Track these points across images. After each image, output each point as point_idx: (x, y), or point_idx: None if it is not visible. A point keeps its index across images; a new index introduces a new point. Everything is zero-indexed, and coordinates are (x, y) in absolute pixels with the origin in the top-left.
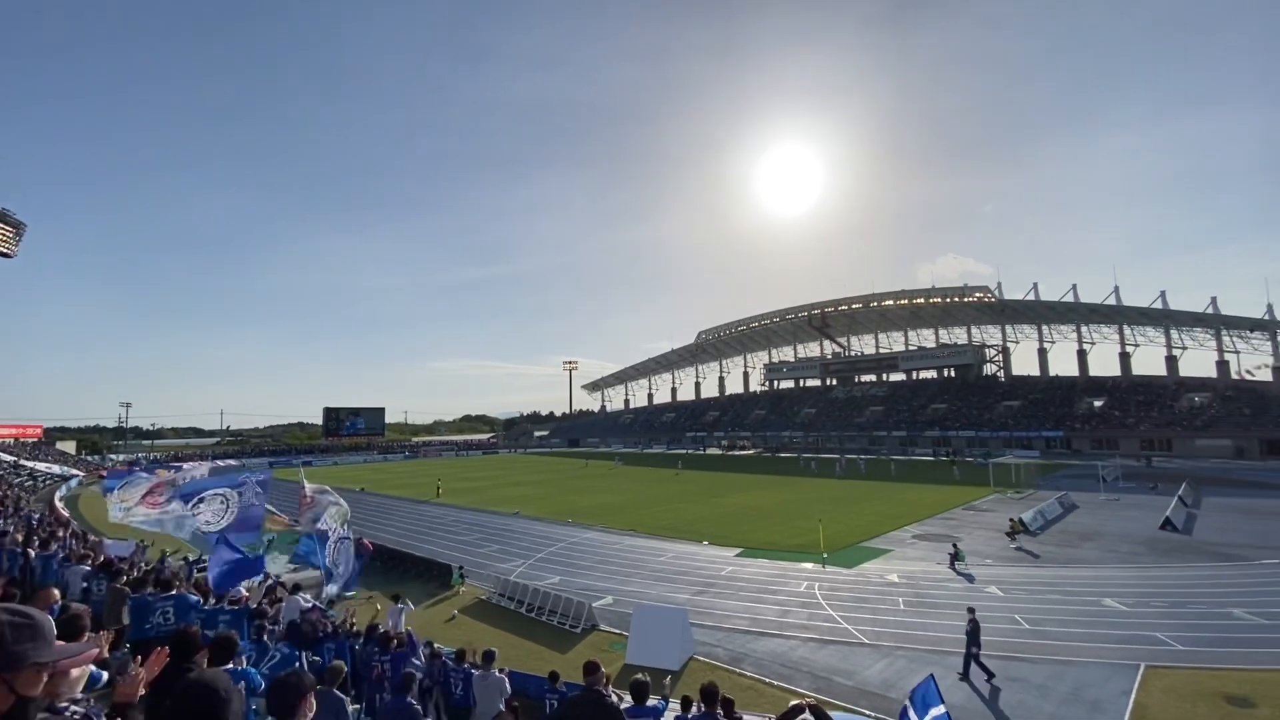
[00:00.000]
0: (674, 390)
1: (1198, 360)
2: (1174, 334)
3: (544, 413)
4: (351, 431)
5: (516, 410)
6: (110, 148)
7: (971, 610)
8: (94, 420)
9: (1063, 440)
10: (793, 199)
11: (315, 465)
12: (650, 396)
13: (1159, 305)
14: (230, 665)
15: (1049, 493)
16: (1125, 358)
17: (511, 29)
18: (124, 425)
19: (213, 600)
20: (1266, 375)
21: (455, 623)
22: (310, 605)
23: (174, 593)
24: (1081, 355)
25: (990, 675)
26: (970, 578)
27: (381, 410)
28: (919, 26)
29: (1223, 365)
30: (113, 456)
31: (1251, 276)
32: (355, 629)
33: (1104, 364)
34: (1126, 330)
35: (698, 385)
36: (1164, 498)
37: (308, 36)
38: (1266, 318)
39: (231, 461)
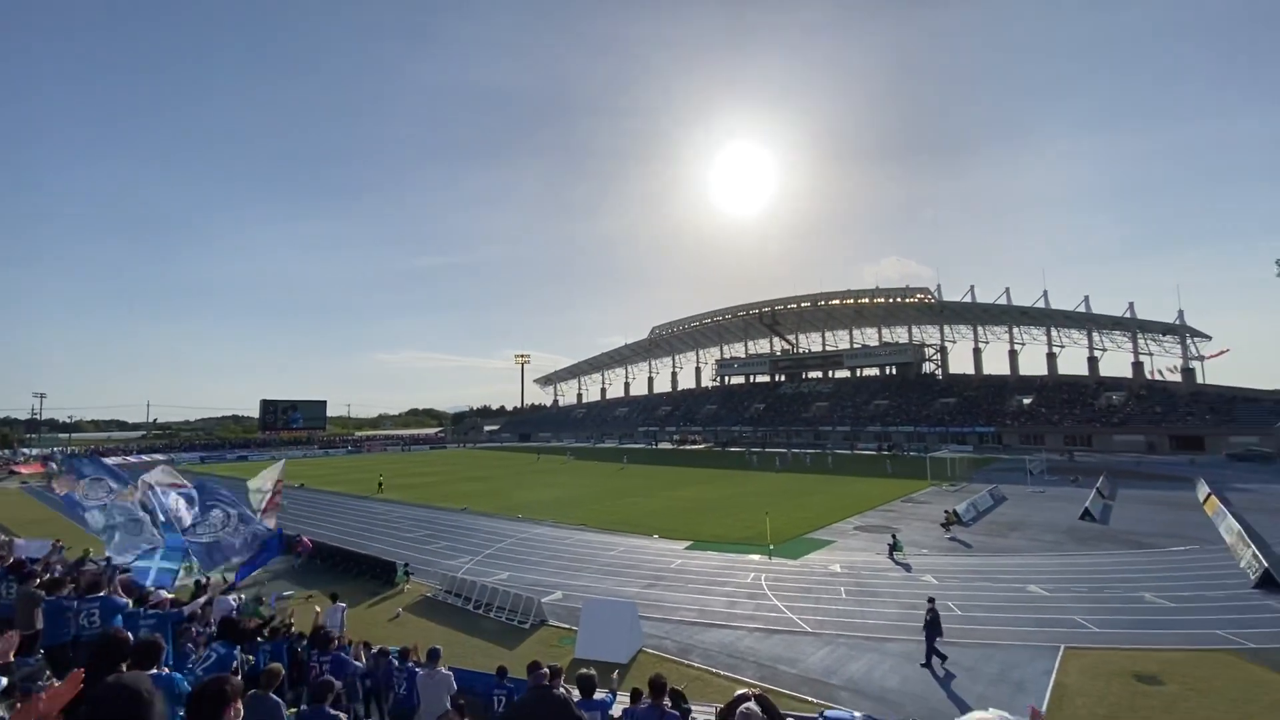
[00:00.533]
0: (627, 385)
1: (1116, 361)
2: (1095, 336)
3: (494, 407)
4: (290, 425)
5: (466, 404)
6: (19, 120)
7: (931, 600)
8: (5, 412)
9: (994, 436)
10: (745, 198)
11: (251, 460)
12: (604, 391)
13: (1083, 309)
14: (154, 671)
15: (981, 485)
16: (1052, 358)
17: (464, 15)
18: (38, 417)
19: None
20: (1176, 376)
21: (399, 621)
22: (240, 602)
23: (100, 595)
24: (1013, 355)
25: (944, 658)
26: (908, 567)
27: (323, 403)
28: (866, 33)
29: (1138, 366)
30: (25, 450)
31: (1165, 284)
32: (293, 629)
33: (1033, 364)
34: (1053, 332)
35: (651, 380)
36: (1084, 490)
37: (247, 10)
38: (1177, 323)
39: (159, 457)
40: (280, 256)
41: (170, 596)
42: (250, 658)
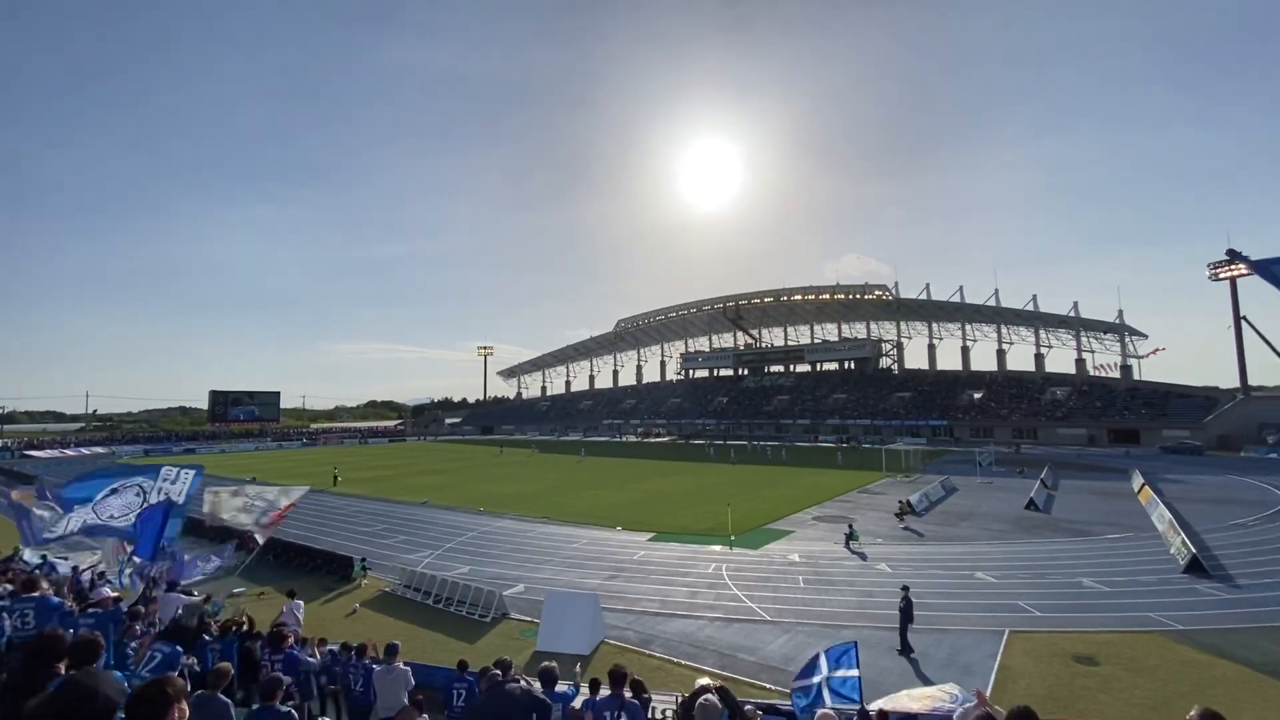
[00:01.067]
0: (592, 378)
1: (1061, 358)
2: (1042, 334)
3: (456, 399)
4: (242, 417)
5: (427, 396)
6: None
7: (906, 589)
8: None
9: (947, 429)
10: (711, 193)
11: (201, 453)
12: (568, 384)
13: (1030, 308)
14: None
15: (933, 477)
16: (1001, 354)
17: None
18: None
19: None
20: (1115, 373)
21: (356, 617)
22: (190, 599)
23: (35, 594)
24: (965, 351)
25: (910, 650)
26: (863, 556)
27: (276, 394)
28: (831, 34)
29: (1080, 363)
30: None
31: (1106, 284)
32: (246, 628)
33: (984, 360)
34: (1003, 330)
35: (616, 373)
36: (1029, 481)
37: None
38: (1117, 322)
39: (99, 449)
40: (232, 241)
41: (114, 595)
42: (193, 658)
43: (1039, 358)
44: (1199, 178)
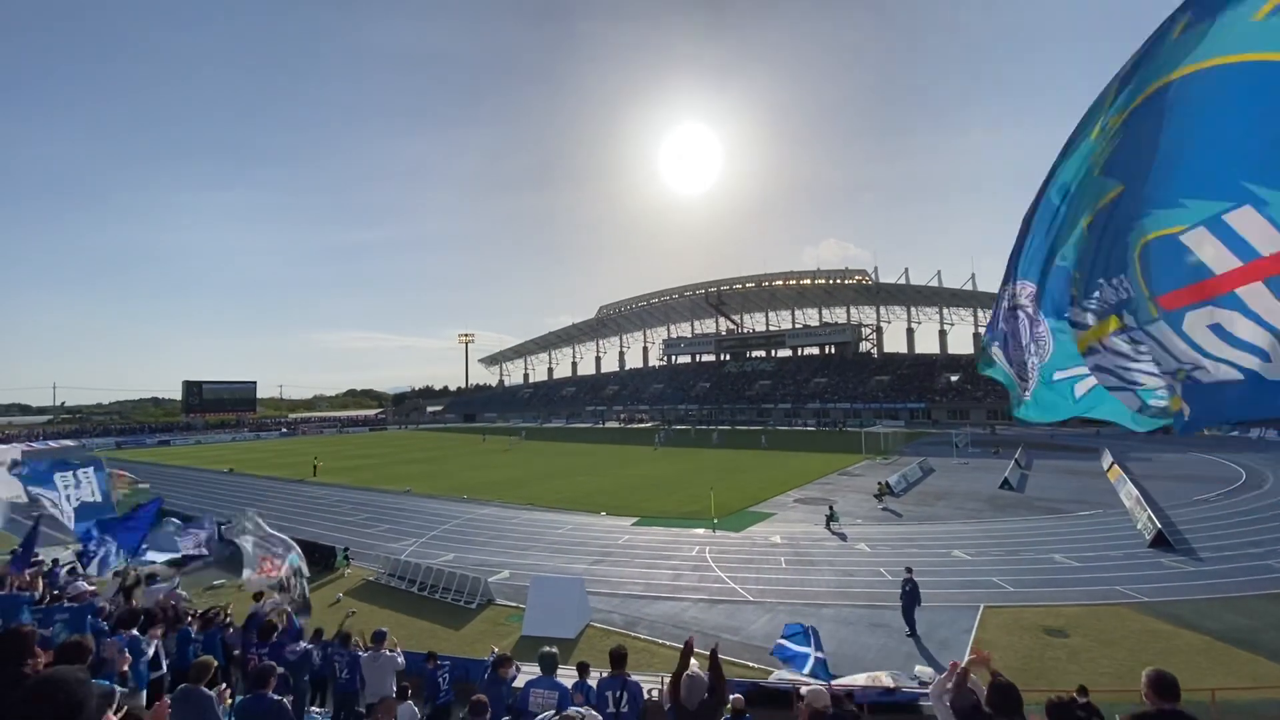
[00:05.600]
0: (574, 364)
1: None
2: None
3: (438, 387)
4: (217, 408)
5: (408, 384)
6: None
7: (909, 570)
8: None
9: (924, 411)
10: (691, 179)
11: (175, 445)
12: (550, 371)
13: None
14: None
15: (911, 458)
16: (978, 338)
17: None
18: None
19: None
20: None
21: (340, 606)
22: (166, 590)
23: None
24: (943, 335)
25: (913, 631)
26: (843, 536)
27: (252, 384)
28: (808, 17)
29: None
30: None
31: None
32: (229, 620)
33: (961, 343)
34: (980, 313)
35: (598, 360)
36: (1003, 460)
37: None
38: None
39: (68, 442)
40: (203, 227)
41: (90, 589)
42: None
43: None
44: None
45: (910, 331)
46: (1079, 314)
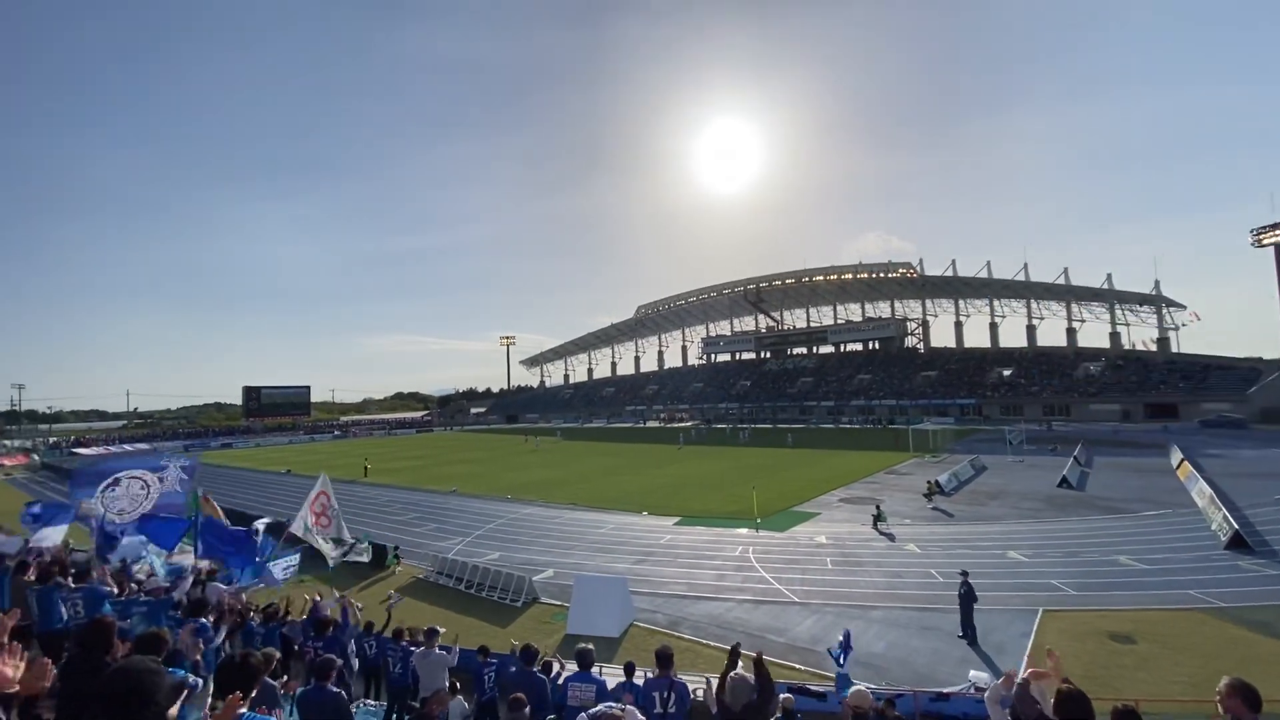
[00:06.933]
0: (614, 365)
1: (1094, 332)
2: (1074, 308)
3: (481, 389)
4: (274, 412)
5: (452, 387)
6: None
7: (965, 573)
8: None
9: (975, 407)
10: (729, 175)
11: (236, 448)
12: (590, 371)
13: (1062, 281)
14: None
15: (962, 456)
16: (1031, 330)
17: None
18: (17, 409)
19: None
20: (1152, 346)
21: (390, 601)
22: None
23: (85, 584)
24: (993, 328)
25: (968, 633)
26: (891, 536)
27: (306, 389)
28: (847, 4)
29: (1115, 337)
30: (5, 443)
31: (1141, 255)
32: (289, 615)
33: (1013, 336)
34: (1033, 304)
35: (637, 359)
36: (1061, 458)
37: None
38: (1154, 293)
39: (142, 445)
40: (259, 240)
41: (165, 585)
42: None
43: (1071, 332)
44: (1238, 139)
45: (959, 325)
46: None
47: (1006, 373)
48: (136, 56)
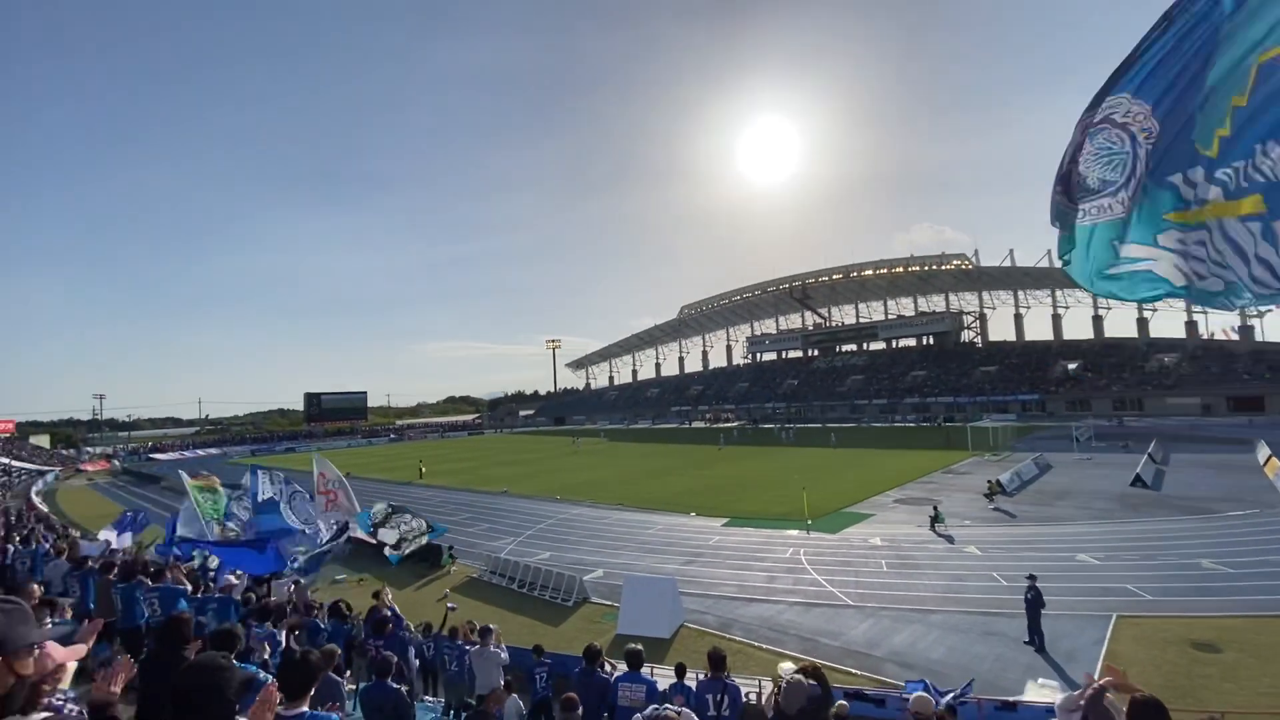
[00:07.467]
0: (658, 366)
1: (1168, 321)
2: None
3: (528, 392)
4: (334, 416)
5: (500, 390)
6: (69, 129)
7: (1032, 578)
8: (67, 413)
9: (1038, 403)
10: (770, 169)
11: (299, 451)
12: (634, 372)
13: None
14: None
15: (1025, 454)
16: (1098, 321)
17: None
18: (99, 418)
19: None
20: (1234, 335)
21: (446, 601)
22: (299, 585)
23: (161, 584)
24: (1056, 319)
25: (1038, 639)
26: (950, 538)
27: (363, 394)
28: None
29: (1191, 326)
30: (89, 449)
31: None
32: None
33: (1078, 328)
34: None
35: (681, 360)
36: (1135, 455)
37: (263, 14)
38: None
39: (213, 450)
40: (317, 252)
41: (235, 583)
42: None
43: (1142, 322)
44: None
45: (1018, 317)
46: (1195, 180)
47: (1072, 366)
48: (191, 80)
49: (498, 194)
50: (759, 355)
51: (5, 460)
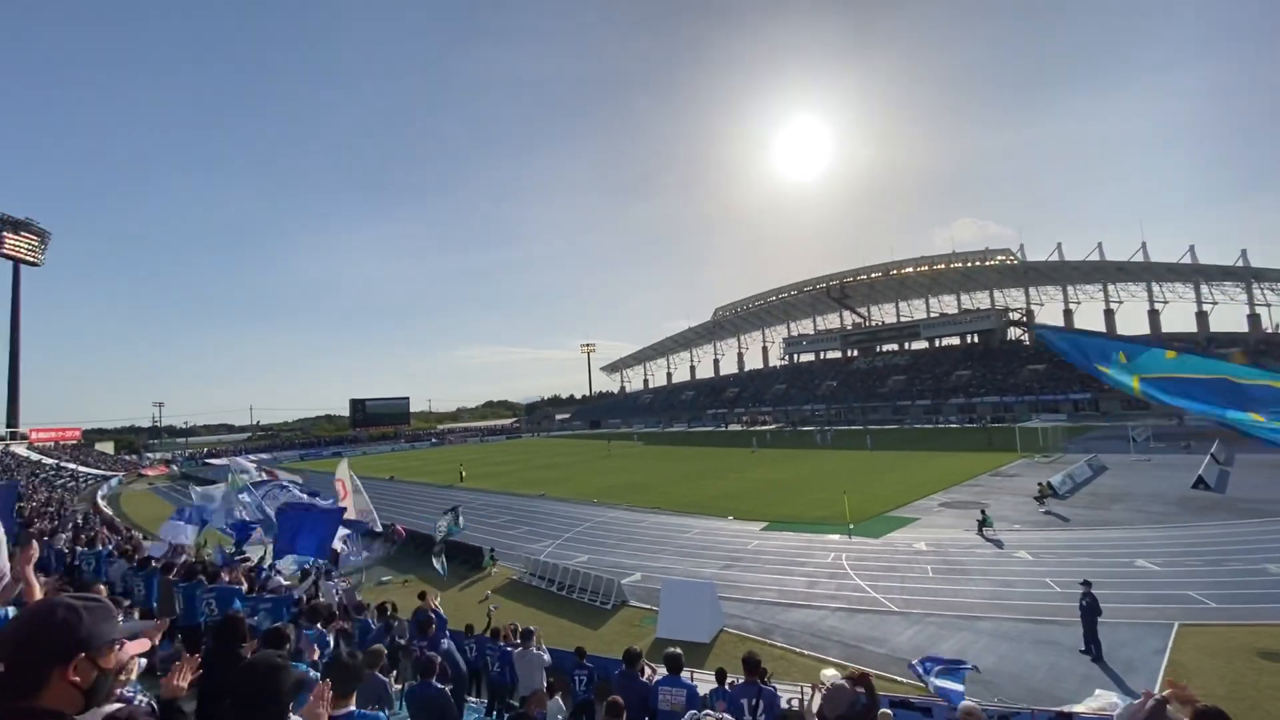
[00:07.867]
0: (693, 368)
1: (1228, 315)
2: (1204, 289)
3: (564, 396)
4: (378, 421)
5: (537, 394)
6: (121, 150)
7: (1087, 584)
8: (129, 420)
9: (1091, 402)
10: (804, 167)
11: (345, 455)
12: (669, 376)
13: (1188, 260)
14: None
15: (1077, 455)
16: (1154, 315)
17: (498, 7)
18: (158, 424)
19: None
20: None
21: (489, 603)
22: (347, 587)
23: (218, 584)
24: (1109, 315)
25: (1093, 649)
26: (999, 543)
27: (405, 400)
28: None
29: (1254, 319)
30: (150, 455)
31: (1276, 225)
32: (395, 613)
33: (1133, 323)
34: (1155, 287)
35: (716, 362)
36: (1196, 456)
37: (302, 31)
38: None
39: (264, 455)
40: (361, 263)
41: (286, 584)
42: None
43: (1202, 316)
44: None
45: (1068, 313)
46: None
47: None
48: (244, 103)
49: (532, 200)
50: (796, 356)
51: (72, 466)
